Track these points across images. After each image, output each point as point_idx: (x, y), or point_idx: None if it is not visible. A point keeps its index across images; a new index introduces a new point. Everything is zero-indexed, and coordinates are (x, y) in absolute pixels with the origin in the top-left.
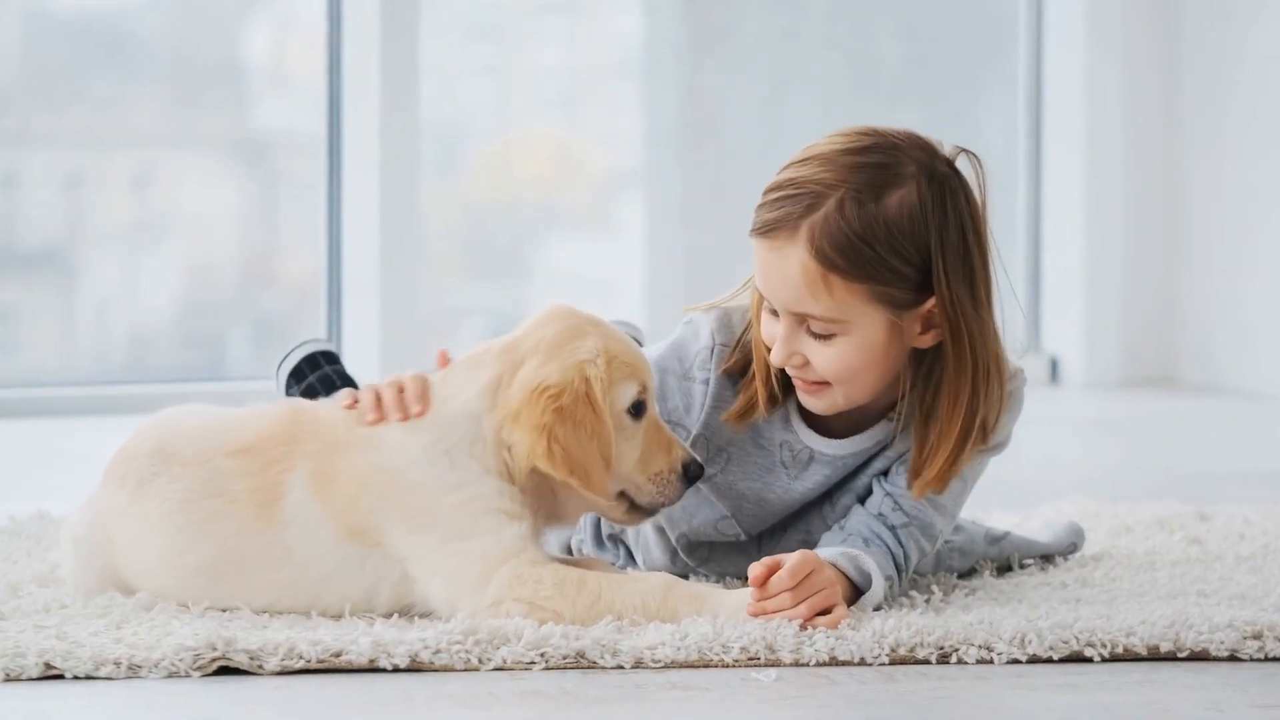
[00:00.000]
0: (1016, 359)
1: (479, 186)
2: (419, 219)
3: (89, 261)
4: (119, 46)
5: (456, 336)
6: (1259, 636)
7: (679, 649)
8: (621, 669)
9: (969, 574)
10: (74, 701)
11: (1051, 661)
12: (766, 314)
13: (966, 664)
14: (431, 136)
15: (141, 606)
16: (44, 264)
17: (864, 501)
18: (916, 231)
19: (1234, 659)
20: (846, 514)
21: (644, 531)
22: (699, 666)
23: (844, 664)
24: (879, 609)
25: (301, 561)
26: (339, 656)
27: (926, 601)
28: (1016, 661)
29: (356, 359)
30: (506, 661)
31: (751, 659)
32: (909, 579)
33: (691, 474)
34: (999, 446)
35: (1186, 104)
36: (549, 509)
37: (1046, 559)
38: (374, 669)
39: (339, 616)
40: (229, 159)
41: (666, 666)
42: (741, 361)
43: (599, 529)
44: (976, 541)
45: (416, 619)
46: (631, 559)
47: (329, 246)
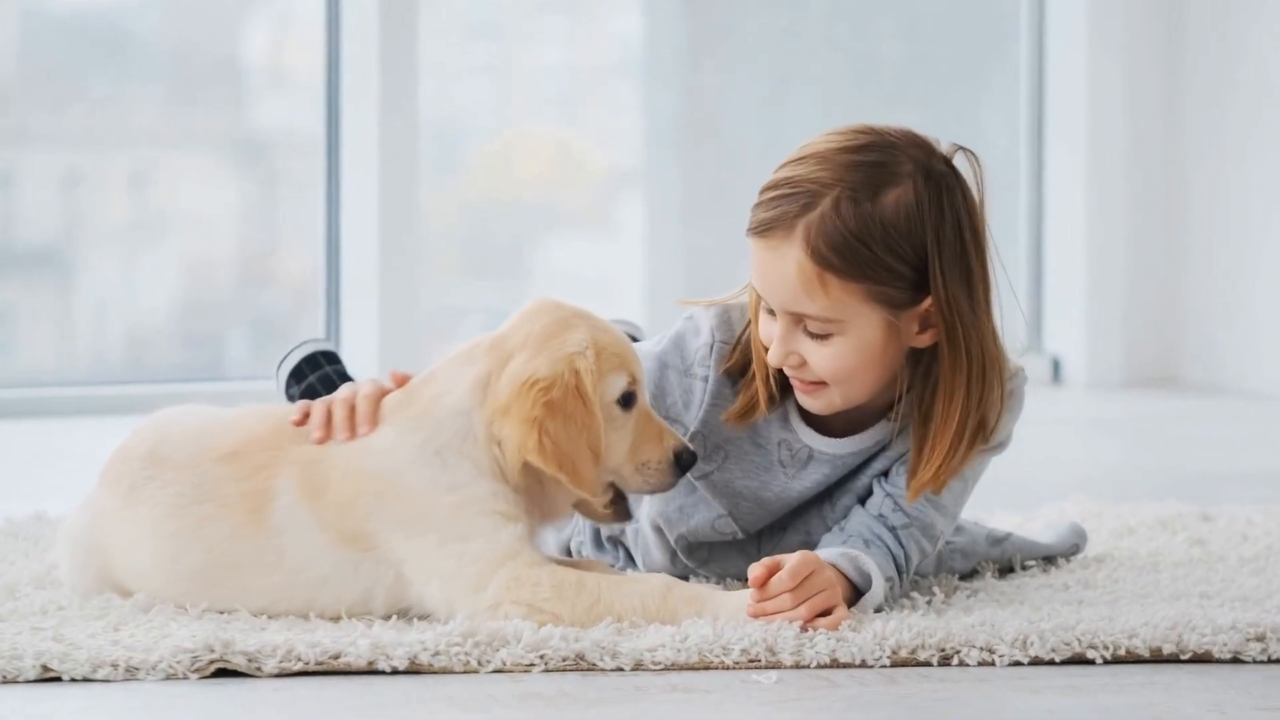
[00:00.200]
0: (1017, 358)
1: (478, 186)
2: (418, 218)
3: (87, 261)
4: (117, 45)
5: (455, 336)
6: (1262, 638)
7: (679, 651)
8: (621, 671)
9: (970, 575)
10: (71, 704)
11: (1054, 663)
12: (764, 313)
13: (968, 666)
14: (431, 136)
15: (139, 608)
16: (41, 264)
17: (864, 502)
18: (913, 230)
19: (1237, 661)
20: (847, 515)
21: (643, 533)
22: (699, 668)
23: (845, 666)
24: (879, 610)
25: (294, 566)
26: (337, 659)
27: (928, 603)
28: (1018, 663)
29: (355, 359)
30: (506, 663)
31: (752, 661)
32: (910, 580)
33: (684, 462)
34: (1000, 446)
35: (1189, 104)
36: (543, 507)
37: (1048, 560)
38: (372, 671)
39: (336, 619)
40: (227, 158)
41: (666, 668)
42: (741, 361)
43: (598, 530)
44: (978, 543)
45: (415, 621)
46: (631, 561)
47: (328, 246)
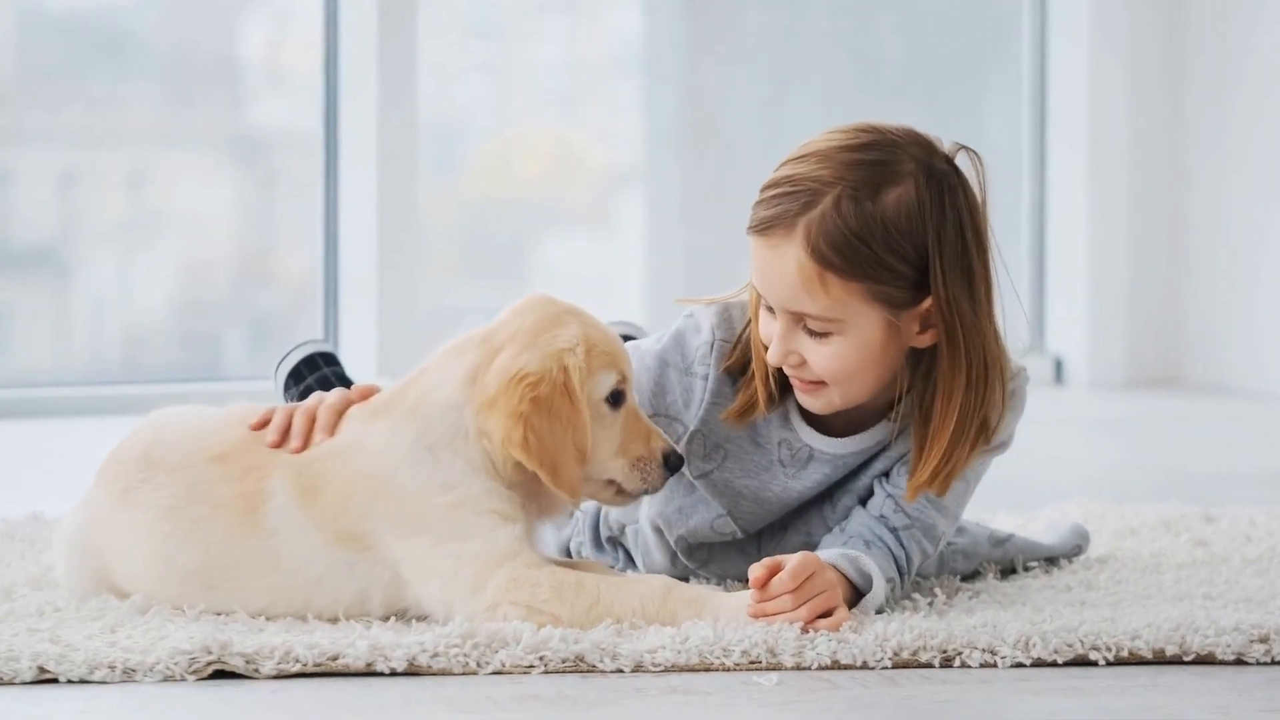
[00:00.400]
0: (1018, 358)
1: (478, 185)
2: (417, 218)
3: (83, 261)
4: (114, 44)
5: (454, 336)
6: (1266, 640)
7: (679, 652)
8: (621, 673)
9: (972, 576)
10: (68, 706)
11: (1056, 665)
12: (764, 312)
13: (970, 668)
14: (430, 134)
15: (136, 610)
16: (38, 263)
17: (865, 503)
18: (914, 230)
19: (1240, 663)
20: (847, 515)
21: (644, 534)
22: (699, 670)
23: (846, 667)
24: (880, 612)
25: (290, 567)
26: (335, 660)
27: (930, 604)
28: (1021, 665)
29: (354, 359)
30: (505, 665)
31: (753, 662)
32: (912, 581)
33: (672, 464)
34: (1002, 446)
35: (1191, 103)
36: (539, 503)
37: (1051, 561)
38: (371, 673)
39: (333, 620)
40: (225, 157)
41: (666, 670)
42: (742, 360)
43: (597, 531)
44: (980, 544)
45: (414, 622)
46: (631, 561)
47: (326, 245)
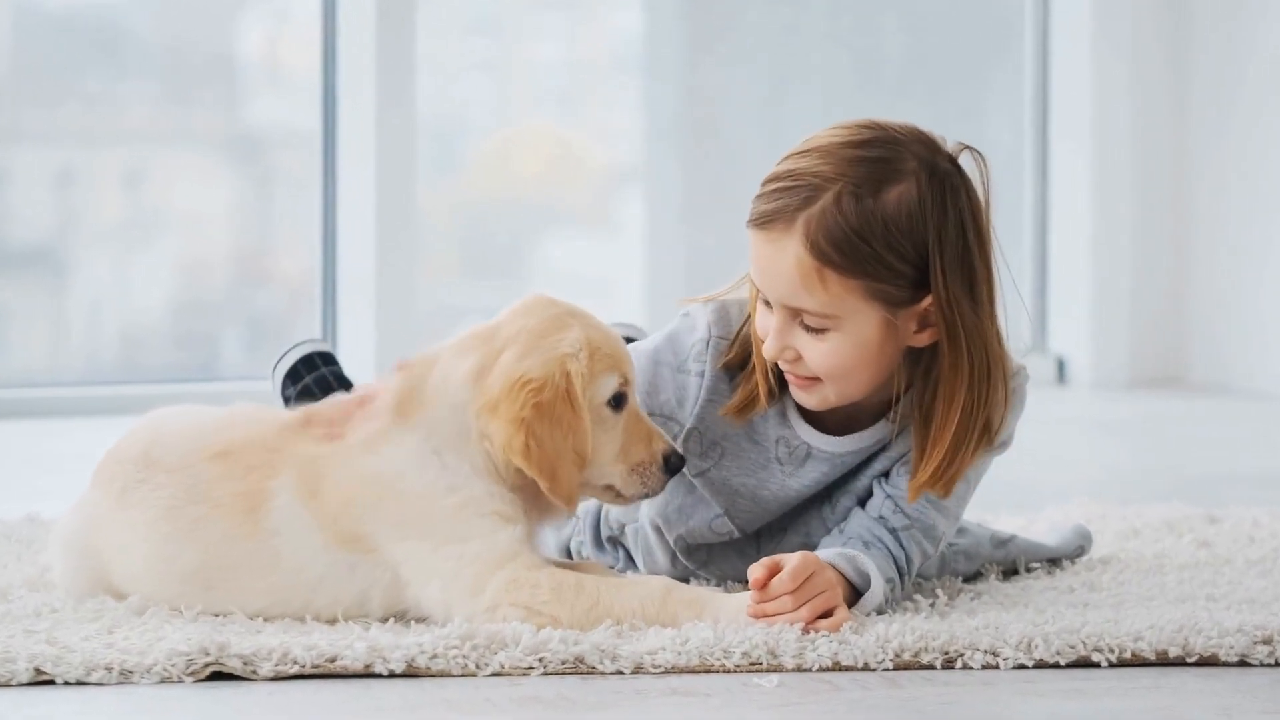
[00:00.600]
0: (1020, 358)
1: (477, 184)
2: (415, 217)
3: (80, 260)
4: (111, 42)
5: (454, 336)
6: (1269, 641)
7: (679, 654)
8: (621, 674)
9: (974, 578)
10: (65, 708)
11: (1058, 667)
12: (762, 306)
13: (972, 669)
14: (428, 133)
15: (133, 611)
16: (34, 263)
17: (864, 504)
18: (914, 228)
19: (1244, 664)
20: (847, 516)
21: (644, 534)
22: (700, 672)
23: (847, 669)
24: (881, 612)
25: (290, 567)
26: (334, 662)
27: (931, 605)
28: (1023, 667)
29: (352, 359)
30: (504, 667)
31: (753, 664)
32: (913, 582)
33: (672, 465)
34: (1003, 446)
35: (1195, 102)
36: (540, 505)
37: (1053, 562)
38: (369, 674)
39: (333, 621)
40: (222, 156)
41: (667, 672)
42: (740, 355)
43: (598, 531)
44: (982, 545)
45: (413, 624)
46: (631, 562)
47: (324, 245)
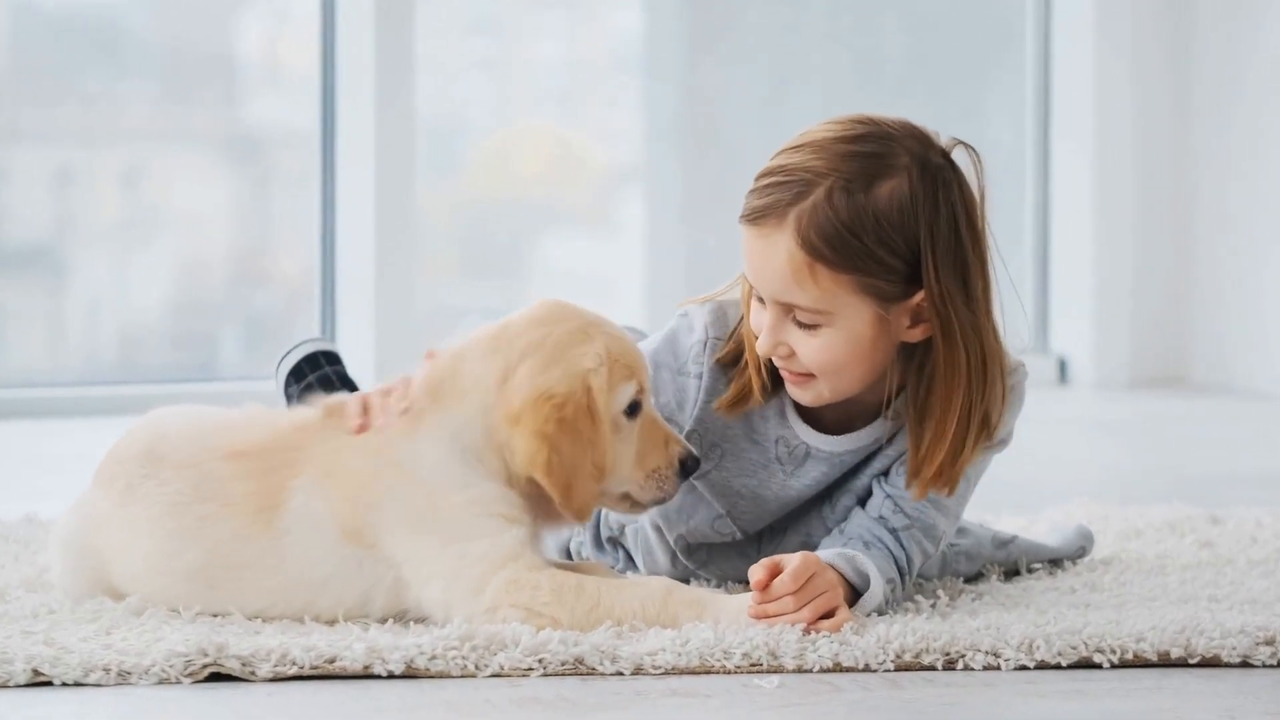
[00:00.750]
0: (1017, 354)
1: (476, 183)
2: (415, 216)
3: (78, 260)
4: (109, 41)
5: (453, 336)
6: (1272, 642)
7: (680, 655)
8: (621, 675)
9: (976, 578)
10: (63, 709)
11: (1060, 668)
12: (755, 303)
13: (973, 670)
14: (428, 132)
15: (132, 612)
16: (33, 262)
17: (864, 504)
18: (906, 223)
19: (1246, 665)
20: (847, 516)
21: (644, 534)
22: (700, 673)
23: (848, 670)
24: (881, 613)
25: (298, 566)
26: (333, 663)
27: (932, 606)
28: (1024, 668)
29: (352, 359)
30: (504, 668)
31: (754, 665)
32: (914, 582)
33: (688, 468)
34: (1002, 443)
35: (1196, 101)
36: (546, 511)
37: (1055, 563)
38: (368, 675)
39: (332, 622)
40: (221, 155)
41: (667, 673)
42: (734, 351)
43: (598, 532)
44: (983, 545)
45: (412, 624)
46: (631, 562)
47: (323, 244)
